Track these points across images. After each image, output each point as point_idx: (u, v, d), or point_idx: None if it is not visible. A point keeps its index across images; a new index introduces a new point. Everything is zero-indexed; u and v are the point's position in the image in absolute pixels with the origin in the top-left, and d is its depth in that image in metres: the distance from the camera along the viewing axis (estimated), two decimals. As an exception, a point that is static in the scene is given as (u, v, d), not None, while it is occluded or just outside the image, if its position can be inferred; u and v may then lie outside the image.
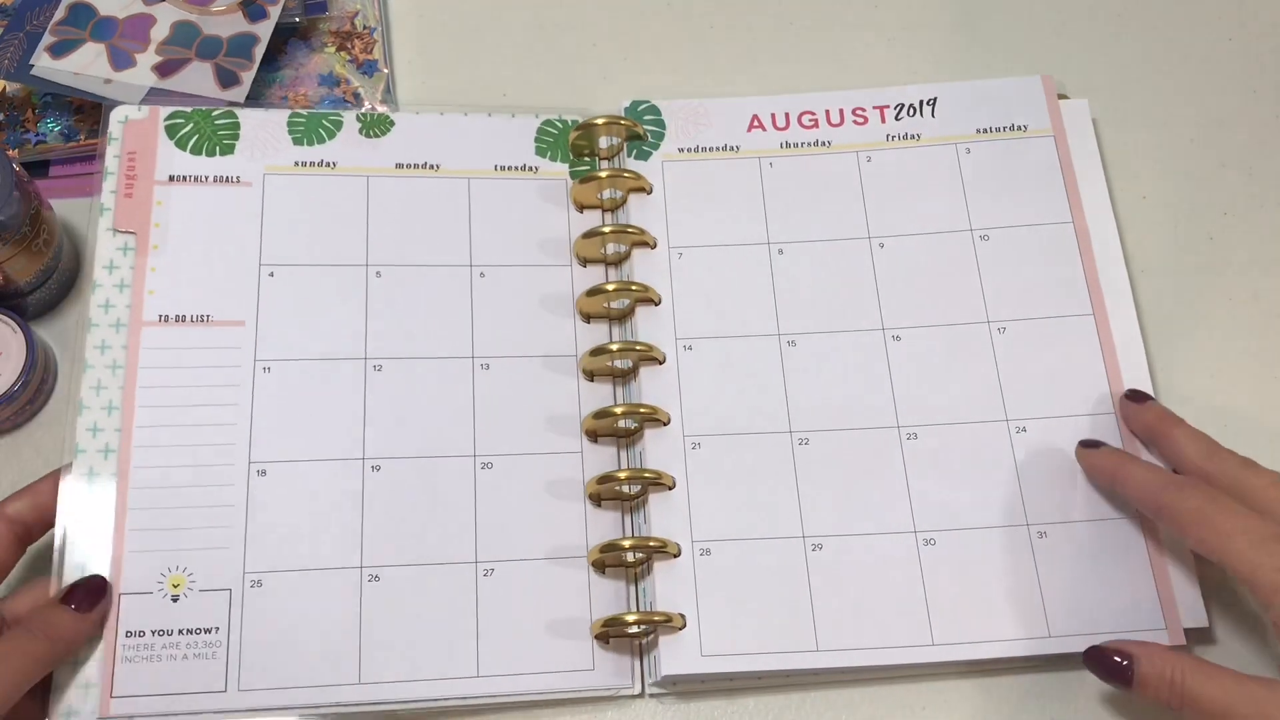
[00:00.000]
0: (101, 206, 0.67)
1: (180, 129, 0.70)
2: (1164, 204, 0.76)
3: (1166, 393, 0.70)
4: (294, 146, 0.71)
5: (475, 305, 0.68)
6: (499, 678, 0.61)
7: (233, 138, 0.70)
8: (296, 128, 0.71)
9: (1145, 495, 0.60)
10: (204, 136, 0.70)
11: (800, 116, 0.74)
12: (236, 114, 0.71)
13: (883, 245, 0.70)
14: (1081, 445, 0.65)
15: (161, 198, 0.68)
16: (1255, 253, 0.75)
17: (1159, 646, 0.58)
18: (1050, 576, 0.63)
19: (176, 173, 0.69)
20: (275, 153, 0.70)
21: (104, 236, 0.67)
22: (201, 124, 0.70)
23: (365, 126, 0.72)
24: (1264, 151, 0.78)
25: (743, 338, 0.68)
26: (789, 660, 0.62)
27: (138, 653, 0.60)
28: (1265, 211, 0.76)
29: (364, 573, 0.62)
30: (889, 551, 0.64)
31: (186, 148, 0.70)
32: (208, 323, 0.66)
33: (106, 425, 0.63)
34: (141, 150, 0.69)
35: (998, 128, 0.74)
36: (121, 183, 0.68)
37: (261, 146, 0.70)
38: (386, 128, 0.72)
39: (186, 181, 0.69)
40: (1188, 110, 0.79)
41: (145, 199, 0.68)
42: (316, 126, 0.71)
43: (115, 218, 0.67)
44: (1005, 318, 0.69)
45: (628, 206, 0.71)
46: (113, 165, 0.69)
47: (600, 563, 0.64)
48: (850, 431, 0.66)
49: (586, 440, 0.66)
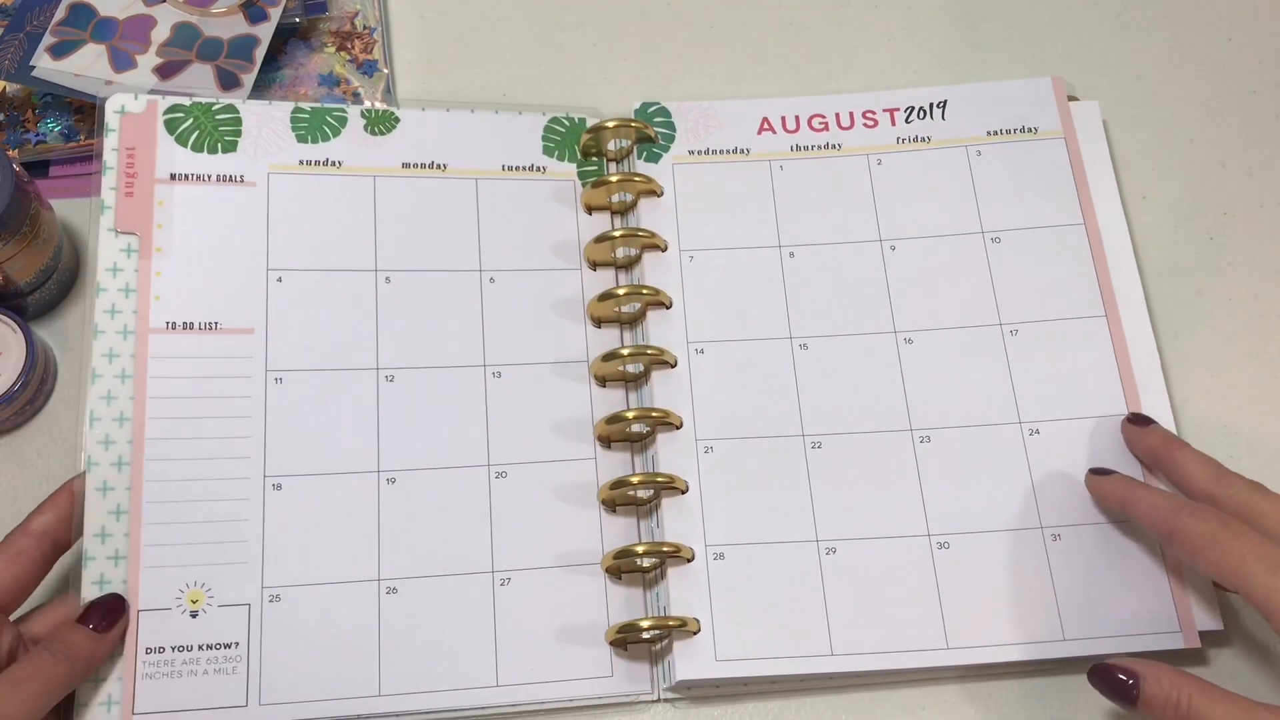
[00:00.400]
0: (102, 205, 0.66)
1: (180, 124, 0.68)
2: (1164, 204, 0.76)
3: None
4: (298, 144, 0.70)
5: (486, 312, 0.68)
6: (518, 686, 0.62)
7: (234, 134, 0.69)
8: (300, 124, 0.70)
9: (1156, 520, 0.60)
10: (205, 132, 0.69)
11: (810, 119, 0.74)
12: (238, 108, 0.70)
13: (894, 248, 0.70)
14: (1091, 473, 0.65)
15: (163, 197, 0.67)
16: (1255, 253, 0.75)
17: (1166, 667, 0.56)
18: (1064, 580, 0.64)
19: (178, 170, 0.67)
20: (279, 151, 0.69)
21: (106, 237, 0.65)
22: (202, 119, 0.69)
23: (370, 123, 0.71)
24: (1264, 151, 0.78)
25: (754, 341, 0.68)
26: (803, 664, 0.62)
27: (158, 669, 0.60)
28: (1265, 211, 0.77)
29: (381, 585, 0.62)
30: (902, 555, 0.64)
31: (187, 144, 0.68)
32: (216, 330, 0.65)
33: (119, 437, 0.63)
34: (141, 146, 0.67)
35: (1008, 130, 0.74)
36: (121, 180, 0.66)
37: (265, 144, 0.69)
38: (392, 124, 0.71)
39: (189, 180, 0.67)
40: (1188, 110, 0.79)
41: (146, 198, 0.67)
42: (320, 123, 0.70)
43: (117, 218, 0.66)
44: (1017, 320, 0.69)
45: (638, 209, 0.71)
46: (111, 160, 0.67)
47: (615, 569, 0.64)
48: (863, 435, 0.66)
49: (599, 446, 0.66)
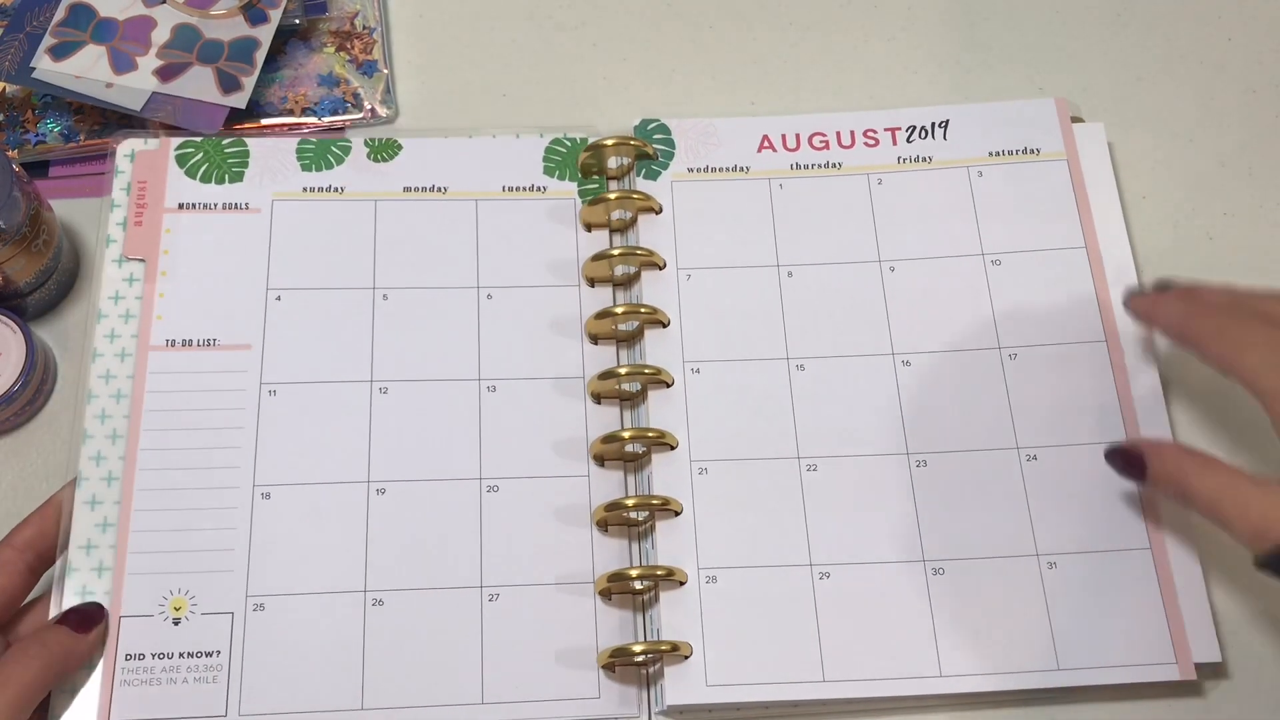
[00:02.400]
0: (109, 238, 0.68)
1: (190, 158, 0.70)
2: (1164, 204, 0.76)
3: (1167, 393, 0.69)
4: (302, 173, 0.71)
5: (482, 327, 0.68)
6: (504, 705, 0.61)
7: (242, 165, 0.70)
8: (305, 154, 0.71)
9: (1172, 323, 0.62)
10: (214, 165, 0.70)
11: (811, 138, 0.73)
12: (246, 143, 0.71)
13: (893, 269, 0.70)
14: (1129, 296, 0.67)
15: (170, 225, 0.69)
16: (1255, 253, 0.75)
17: (1171, 446, 0.63)
18: (1059, 608, 0.63)
19: (186, 200, 0.69)
20: (284, 180, 0.70)
21: (110, 268, 0.67)
22: (212, 153, 0.71)
23: (373, 151, 0.72)
24: (1264, 151, 0.78)
25: (751, 361, 0.67)
26: (795, 690, 0.61)
27: (137, 676, 0.60)
28: (1265, 211, 0.76)
29: (368, 597, 0.62)
30: (897, 580, 0.63)
31: (196, 176, 0.70)
32: (214, 346, 0.66)
33: (110, 453, 0.63)
34: (152, 180, 0.69)
35: (1010, 151, 0.73)
36: (132, 211, 0.69)
37: (271, 174, 0.70)
38: (394, 152, 0.72)
39: (195, 209, 0.69)
40: (1188, 110, 0.79)
41: (155, 226, 0.68)
42: (325, 153, 0.71)
43: (125, 246, 0.68)
44: (1016, 344, 0.68)
45: (637, 227, 0.70)
46: (120, 198, 0.69)
47: (607, 590, 0.63)
48: (858, 458, 0.66)
49: (593, 464, 0.66)
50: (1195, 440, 0.69)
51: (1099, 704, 0.64)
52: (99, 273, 0.67)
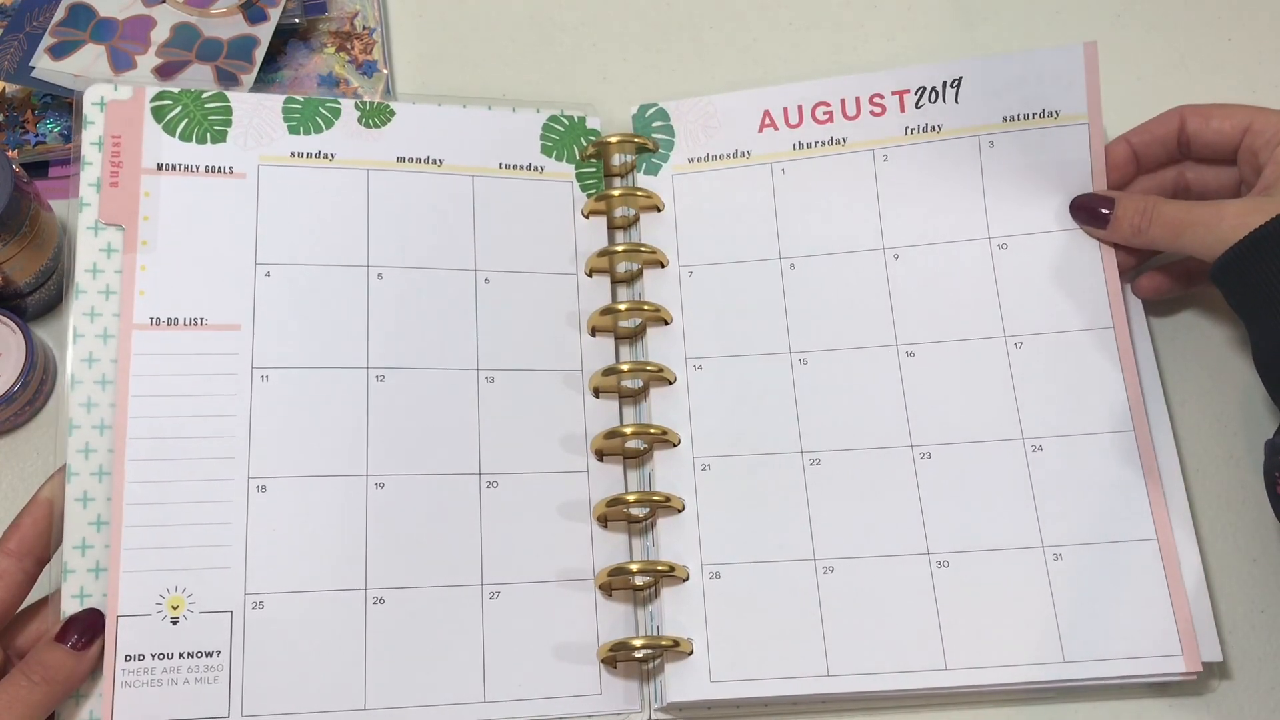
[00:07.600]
0: (81, 202, 0.63)
1: (168, 111, 0.66)
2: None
3: (1167, 392, 0.68)
4: (290, 135, 0.68)
5: (480, 313, 0.67)
6: (506, 702, 0.61)
7: (225, 124, 0.67)
8: (292, 114, 0.68)
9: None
10: (194, 121, 0.66)
11: (814, 109, 0.71)
12: (228, 97, 0.67)
13: (897, 256, 0.68)
14: None
15: (150, 188, 0.64)
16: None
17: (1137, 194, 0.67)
18: (1065, 600, 0.62)
19: (165, 160, 0.65)
20: (270, 142, 0.67)
21: (85, 236, 0.63)
22: (191, 107, 0.67)
23: (364, 116, 0.69)
24: (1264, 151, 0.77)
25: (754, 356, 0.67)
26: (799, 686, 0.61)
27: (137, 677, 0.59)
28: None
29: (368, 594, 0.61)
30: (902, 574, 0.63)
31: (175, 133, 0.66)
32: (202, 326, 0.63)
33: (99, 445, 0.61)
34: (127, 134, 0.65)
35: (1027, 115, 0.70)
36: (106, 170, 0.64)
37: (255, 134, 0.67)
38: (387, 118, 0.69)
39: (176, 171, 0.65)
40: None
41: (132, 189, 0.64)
42: (313, 114, 0.68)
43: (100, 209, 0.63)
44: (1022, 332, 0.67)
45: (639, 224, 0.70)
46: (91, 155, 0.64)
47: (607, 586, 0.63)
48: (863, 451, 0.65)
49: (594, 459, 0.65)
50: (1200, 433, 0.69)
51: (1100, 703, 0.64)
52: (73, 241, 0.63)
